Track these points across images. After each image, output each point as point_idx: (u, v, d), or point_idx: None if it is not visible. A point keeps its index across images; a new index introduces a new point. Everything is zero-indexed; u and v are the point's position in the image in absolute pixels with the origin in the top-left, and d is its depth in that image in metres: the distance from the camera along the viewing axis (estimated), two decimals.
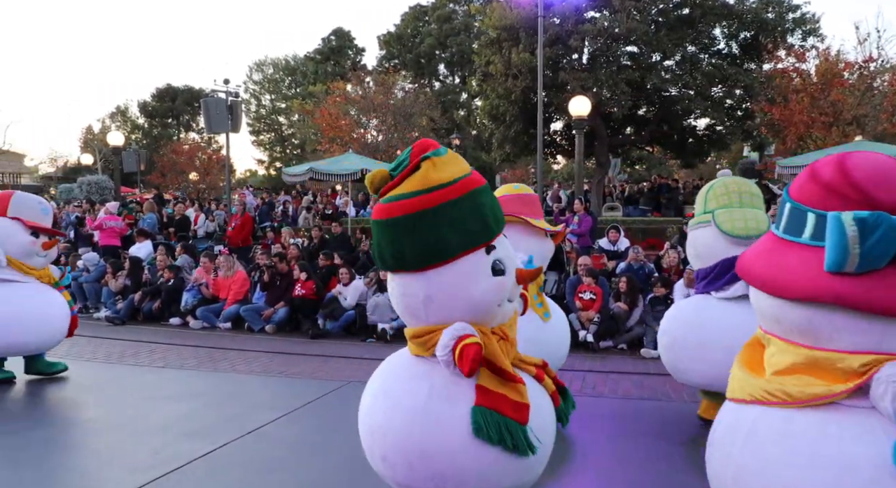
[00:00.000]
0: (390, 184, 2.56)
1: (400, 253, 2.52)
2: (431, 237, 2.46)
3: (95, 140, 41.99)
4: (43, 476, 3.89)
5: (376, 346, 8.04)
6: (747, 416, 2.07)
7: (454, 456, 2.47)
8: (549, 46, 18.87)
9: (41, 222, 5.87)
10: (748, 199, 4.43)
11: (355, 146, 23.53)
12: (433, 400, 2.51)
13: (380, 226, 2.57)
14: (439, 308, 2.56)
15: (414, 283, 2.58)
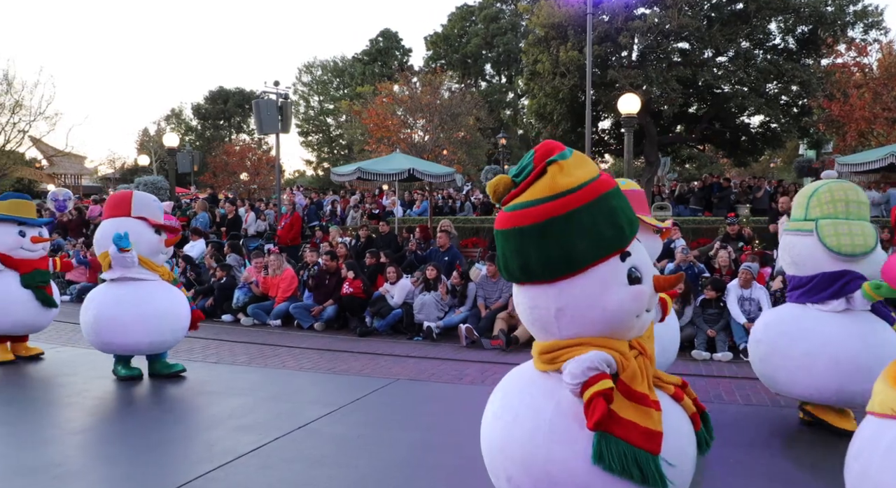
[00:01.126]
0: (514, 192, 2.41)
1: (527, 264, 2.37)
2: (561, 246, 2.30)
3: (151, 142, 43.31)
4: (99, 467, 4.03)
5: (423, 345, 8.07)
6: (888, 432, 2.02)
7: (580, 480, 2.27)
8: (597, 44, 18.62)
9: (160, 220, 6.00)
10: (855, 209, 4.14)
11: (402, 146, 23.67)
12: (559, 420, 2.33)
13: (504, 236, 2.42)
14: (572, 321, 2.39)
15: (543, 295, 2.41)
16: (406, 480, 3.79)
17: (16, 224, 6.53)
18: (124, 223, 5.78)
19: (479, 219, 17.01)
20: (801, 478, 3.82)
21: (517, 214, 2.36)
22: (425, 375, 6.40)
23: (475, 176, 30.66)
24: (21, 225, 6.55)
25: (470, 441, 4.36)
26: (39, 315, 6.64)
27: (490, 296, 8.67)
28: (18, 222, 6.54)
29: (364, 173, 13.85)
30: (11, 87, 31.86)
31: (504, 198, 2.45)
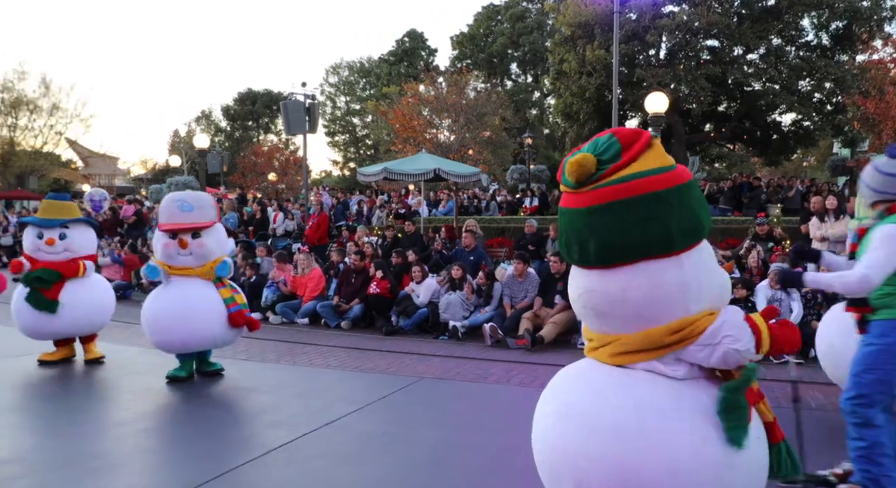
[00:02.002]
0: (618, 164, 2.26)
1: (666, 229, 2.22)
2: (693, 212, 2.26)
3: (182, 143, 44.03)
4: (137, 459, 4.14)
5: (448, 344, 8.11)
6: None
7: (677, 477, 2.17)
8: (624, 42, 18.49)
9: (180, 221, 5.98)
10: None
11: (428, 146, 23.76)
12: (645, 417, 2.21)
13: (625, 206, 2.23)
14: (698, 295, 2.30)
15: (671, 269, 2.26)
16: (430, 478, 3.84)
17: (37, 226, 6.63)
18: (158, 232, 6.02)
19: (504, 219, 16.99)
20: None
21: (643, 182, 2.23)
22: (450, 374, 6.44)
23: (501, 176, 30.63)
24: (39, 227, 6.62)
25: (493, 440, 4.41)
26: (37, 320, 6.49)
27: (516, 296, 8.68)
28: (37, 224, 6.65)
29: (390, 173, 13.92)
30: (49, 91, 32.70)
31: (597, 175, 2.29)
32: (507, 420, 4.99)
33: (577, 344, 7.87)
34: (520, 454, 4.15)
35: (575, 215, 2.34)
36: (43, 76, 34.37)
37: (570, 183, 2.34)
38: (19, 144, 33.38)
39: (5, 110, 32.20)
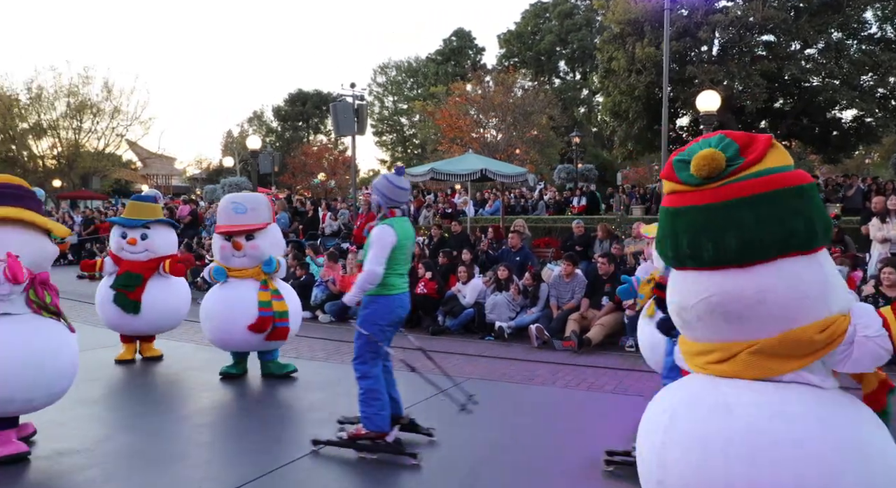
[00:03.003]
0: (750, 160, 2.22)
1: (810, 224, 2.16)
2: (819, 211, 2.21)
3: (234, 143, 45.15)
4: (194, 452, 4.30)
5: (494, 345, 8.13)
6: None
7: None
8: (675, 39, 18.14)
9: (234, 222, 6.09)
10: None
11: (475, 146, 23.76)
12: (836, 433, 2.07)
13: (768, 200, 2.17)
14: (836, 295, 2.21)
15: (812, 266, 2.19)
16: (476, 478, 3.87)
17: (121, 226, 6.86)
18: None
19: (551, 219, 16.90)
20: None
21: (782, 177, 2.19)
22: (496, 375, 6.46)
23: (548, 175, 30.42)
24: (123, 226, 6.84)
25: (539, 441, 4.42)
26: (121, 318, 6.74)
27: (563, 297, 8.64)
28: (121, 224, 6.88)
29: (437, 174, 14.00)
30: (111, 94, 33.99)
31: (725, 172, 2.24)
32: (553, 422, 4.99)
33: (624, 346, 7.80)
34: (565, 456, 4.16)
35: (707, 211, 2.22)
36: (105, 80, 35.71)
37: (696, 179, 2.25)
38: (83, 146, 34.80)
39: (71, 114, 33.61)
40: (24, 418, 4.22)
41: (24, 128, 33.85)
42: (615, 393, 5.83)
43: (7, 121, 32.70)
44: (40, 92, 32.86)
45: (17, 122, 33.34)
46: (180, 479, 3.84)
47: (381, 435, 4.15)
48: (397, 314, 4.32)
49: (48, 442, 4.28)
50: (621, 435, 4.65)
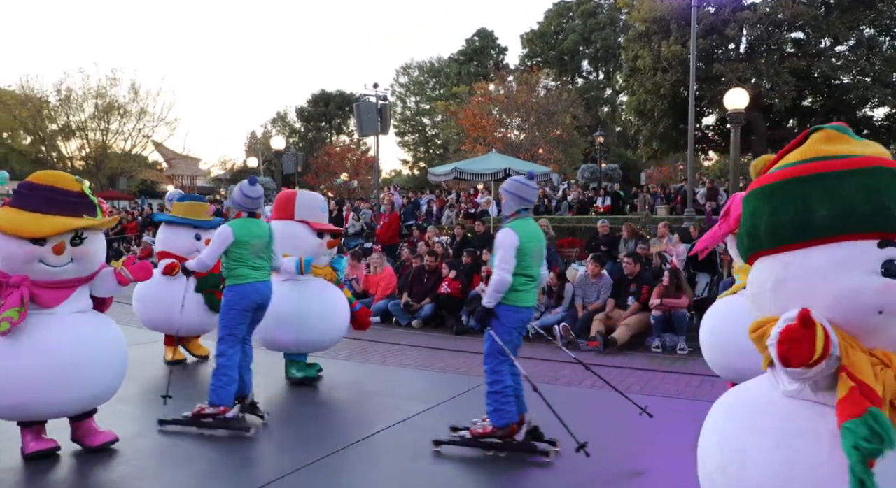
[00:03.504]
0: (770, 163, 2.23)
1: (755, 228, 2.11)
2: (795, 208, 2.01)
3: (258, 144, 45.60)
4: (223, 451, 4.32)
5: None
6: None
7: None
8: (702, 37, 17.91)
9: (323, 221, 6.10)
10: None
11: (498, 145, 23.71)
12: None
13: (746, 201, 2.21)
14: (791, 296, 2.04)
15: (765, 267, 2.14)
16: (502, 478, 3.84)
17: (192, 227, 6.60)
18: (289, 226, 5.86)
19: (575, 219, 16.78)
20: None
21: (761, 179, 2.19)
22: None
23: (571, 174, 30.25)
24: (196, 228, 6.63)
25: (566, 441, 4.36)
26: (207, 319, 6.54)
27: (588, 297, 8.57)
28: (194, 225, 6.62)
29: (461, 173, 14.00)
30: (138, 96, 34.53)
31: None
32: (579, 422, 4.93)
33: (650, 347, 7.71)
34: (592, 455, 4.10)
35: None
36: (132, 82, 36.29)
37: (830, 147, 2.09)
38: (111, 147, 35.37)
39: (98, 115, 34.18)
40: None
41: (54, 129, 34.50)
42: (642, 393, 5.76)
43: (37, 122, 33.35)
44: (69, 94, 33.49)
45: (47, 123, 34.00)
46: (205, 477, 3.86)
47: (511, 433, 4.18)
48: (523, 317, 4.33)
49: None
50: (648, 435, 4.60)
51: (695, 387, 5.94)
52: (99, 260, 4.01)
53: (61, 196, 3.77)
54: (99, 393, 4.00)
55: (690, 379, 6.28)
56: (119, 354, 4.10)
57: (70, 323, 3.86)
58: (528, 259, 4.15)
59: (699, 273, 9.07)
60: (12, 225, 3.69)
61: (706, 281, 8.91)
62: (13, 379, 3.65)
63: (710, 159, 37.40)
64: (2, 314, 3.62)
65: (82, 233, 3.80)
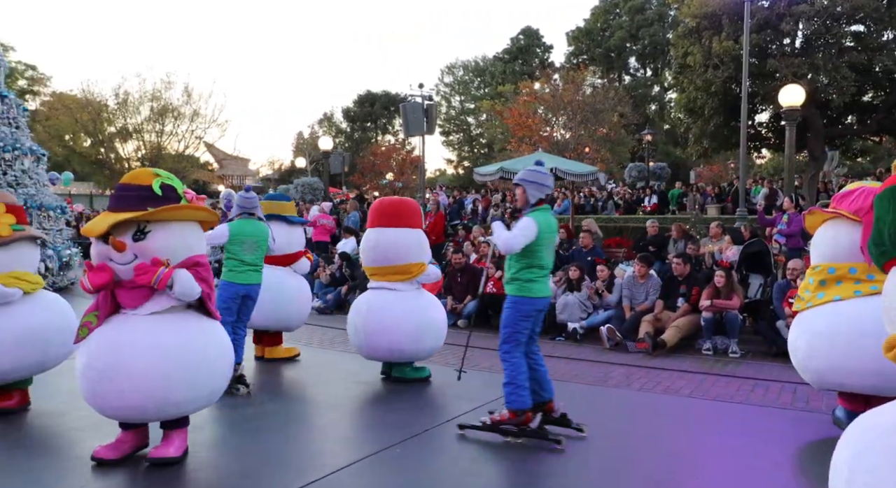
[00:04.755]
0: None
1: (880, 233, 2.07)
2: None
3: (305, 144, 46.27)
4: (273, 445, 4.42)
5: (565, 345, 8.03)
6: None
7: None
8: (755, 32, 17.41)
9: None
10: None
11: (544, 145, 23.53)
12: None
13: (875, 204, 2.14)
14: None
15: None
16: (551, 478, 3.83)
17: (284, 223, 6.78)
18: (419, 235, 6.05)
19: (622, 219, 16.57)
20: None
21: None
22: (568, 376, 6.38)
23: (618, 174, 29.81)
24: (290, 224, 6.86)
25: (617, 444, 4.33)
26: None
27: (636, 298, 8.45)
28: (287, 220, 6.86)
29: (506, 173, 13.94)
30: (191, 98, 35.52)
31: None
32: (630, 424, 4.88)
33: (701, 349, 7.57)
34: (642, 458, 4.06)
35: None
36: (185, 85, 37.33)
37: None
38: (165, 148, 36.45)
39: (154, 117, 35.27)
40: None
41: (112, 131, 35.73)
42: (692, 396, 5.66)
43: (97, 125, 34.61)
44: (126, 97, 34.62)
45: (106, 126, 35.25)
46: (272, 464, 3.95)
47: (527, 420, 4.26)
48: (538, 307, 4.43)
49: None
50: (697, 438, 4.52)
51: (747, 392, 5.80)
52: (174, 255, 3.69)
53: (127, 191, 3.70)
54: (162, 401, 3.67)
55: (742, 383, 6.14)
56: (194, 363, 3.72)
57: (128, 325, 3.68)
58: (543, 250, 4.26)
59: (752, 274, 8.84)
60: (87, 225, 3.78)
61: (759, 282, 8.69)
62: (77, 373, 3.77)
63: (763, 157, 36.43)
64: (84, 317, 3.72)
65: (144, 227, 3.62)
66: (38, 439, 4.41)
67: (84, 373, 3.70)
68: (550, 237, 4.31)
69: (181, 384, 3.68)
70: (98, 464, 3.80)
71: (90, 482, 3.65)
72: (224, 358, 3.95)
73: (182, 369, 3.67)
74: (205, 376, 3.79)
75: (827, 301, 4.34)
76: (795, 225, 9.90)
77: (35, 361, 4.83)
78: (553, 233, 4.37)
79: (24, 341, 4.67)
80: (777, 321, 7.43)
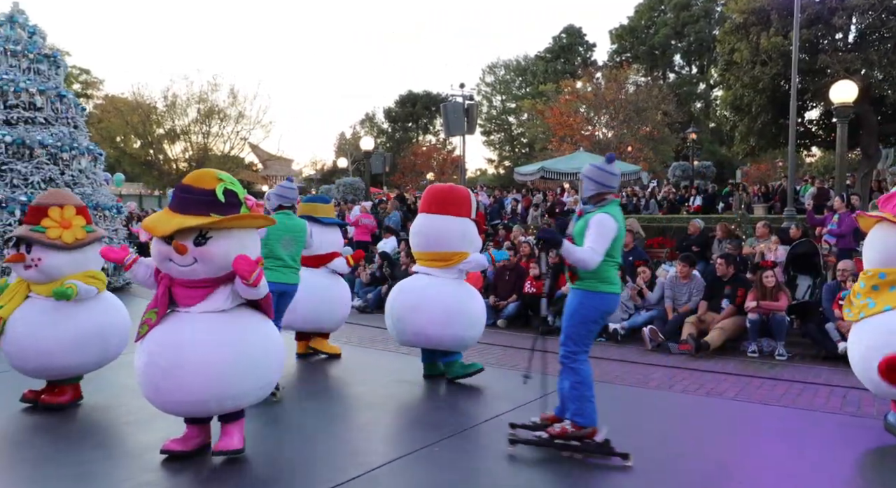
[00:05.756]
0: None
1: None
2: None
3: (347, 145, 46.81)
4: (313, 442, 4.50)
5: (606, 346, 7.94)
6: None
7: None
8: (805, 27, 16.94)
9: None
10: None
11: (585, 144, 23.35)
12: None
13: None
14: None
15: None
16: (592, 479, 3.81)
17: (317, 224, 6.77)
18: (465, 224, 5.95)
19: (665, 218, 16.30)
20: None
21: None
22: (609, 377, 6.32)
23: (661, 173, 29.35)
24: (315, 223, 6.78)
25: (658, 445, 4.28)
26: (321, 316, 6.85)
27: (679, 299, 8.32)
28: (319, 222, 6.85)
29: (547, 172, 13.92)
30: (236, 100, 36.30)
31: None
32: (671, 426, 4.82)
33: (746, 351, 7.40)
34: (685, 461, 4.00)
35: None
36: (231, 87, 38.19)
37: None
38: (211, 149, 37.32)
39: (200, 119, 36.16)
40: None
41: (160, 133, 36.75)
42: (737, 399, 5.55)
43: (147, 127, 35.67)
44: (174, 100, 35.58)
45: (155, 127, 36.28)
46: (315, 461, 4.03)
47: (591, 434, 4.07)
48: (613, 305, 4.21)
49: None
50: (741, 441, 4.43)
51: (794, 396, 5.66)
52: (230, 262, 3.69)
53: (190, 194, 3.70)
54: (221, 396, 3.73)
55: (790, 386, 5.99)
56: (250, 358, 3.79)
57: (188, 323, 3.73)
58: (617, 245, 4.08)
59: (800, 275, 8.61)
60: (148, 223, 3.74)
61: (808, 283, 8.46)
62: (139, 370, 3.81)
63: (813, 155, 35.37)
64: (143, 315, 3.80)
65: (206, 232, 3.65)
66: (90, 433, 4.57)
67: (146, 370, 3.75)
68: (623, 233, 4.11)
69: (240, 379, 3.76)
70: (168, 458, 3.91)
71: (150, 473, 3.78)
72: (277, 352, 4.04)
73: (241, 365, 3.74)
74: (261, 370, 3.87)
75: (877, 311, 4.24)
76: (846, 225, 9.60)
77: (95, 358, 5.01)
78: (624, 229, 4.12)
79: (86, 339, 4.85)
80: (826, 323, 7.23)
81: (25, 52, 12.21)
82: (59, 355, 4.74)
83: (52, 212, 4.74)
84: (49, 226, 4.70)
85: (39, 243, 4.65)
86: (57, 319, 4.73)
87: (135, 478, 3.70)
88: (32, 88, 12.01)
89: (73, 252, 4.76)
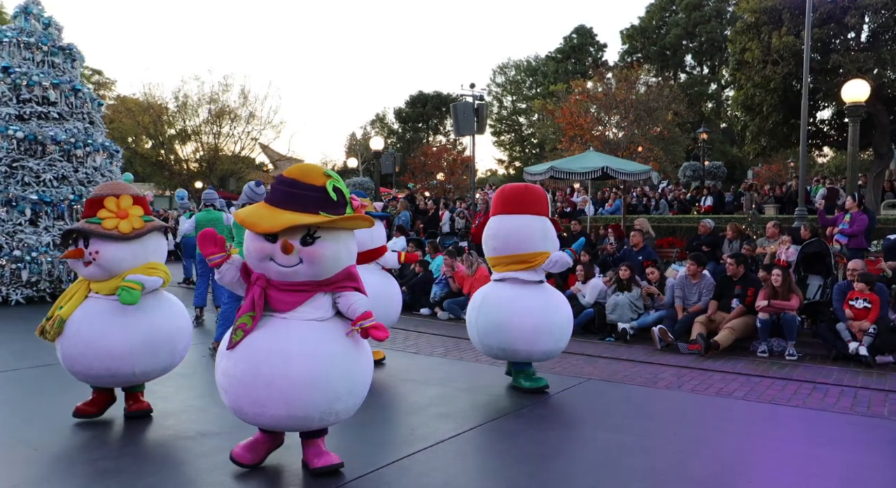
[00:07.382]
0: None
1: None
2: None
3: (357, 145, 46.89)
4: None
5: (615, 346, 7.93)
6: None
7: None
8: (817, 27, 16.85)
9: None
10: None
11: (596, 144, 23.29)
12: None
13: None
14: None
15: None
16: (598, 480, 3.80)
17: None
18: (544, 222, 5.61)
19: (675, 219, 16.23)
20: None
21: None
22: (618, 377, 6.31)
23: (672, 173, 29.21)
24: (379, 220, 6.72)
25: (665, 445, 4.27)
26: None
27: (688, 298, 8.29)
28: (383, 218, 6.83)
29: (557, 172, 13.88)
30: (247, 101, 36.49)
31: None
32: (680, 426, 4.80)
33: (756, 351, 7.37)
34: (693, 461, 3.99)
35: None
36: (242, 87, 38.39)
37: None
38: (222, 149, 37.51)
39: (211, 119, 36.35)
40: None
41: (172, 133, 36.98)
42: (746, 399, 5.52)
43: (158, 127, 35.91)
44: (186, 100, 35.79)
45: (166, 128, 36.51)
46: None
47: None
48: None
49: (192, 424, 4.64)
50: (750, 442, 4.41)
51: (804, 396, 5.63)
52: (337, 264, 3.51)
53: (299, 190, 3.40)
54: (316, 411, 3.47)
55: (799, 386, 5.95)
56: (355, 372, 3.58)
57: (293, 331, 3.45)
58: None
59: (811, 275, 8.56)
60: (248, 218, 3.40)
61: (818, 283, 8.40)
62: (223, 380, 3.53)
63: (825, 156, 35.12)
64: (238, 319, 3.49)
65: (314, 231, 3.38)
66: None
67: (244, 380, 3.41)
68: None
69: (346, 394, 3.54)
70: (237, 465, 3.73)
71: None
72: (371, 364, 3.80)
73: (348, 379, 3.54)
74: (360, 387, 3.66)
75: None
76: (858, 225, 9.54)
77: (166, 363, 4.72)
78: None
79: (158, 344, 4.57)
80: (837, 323, 7.18)
81: (39, 44, 11.67)
82: (129, 359, 4.43)
83: (108, 203, 4.49)
84: (105, 217, 4.46)
85: (95, 234, 4.40)
86: (126, 321, 4.42)
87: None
88: (46, 82, 11.49)
89: (131, 242, 4.46)
